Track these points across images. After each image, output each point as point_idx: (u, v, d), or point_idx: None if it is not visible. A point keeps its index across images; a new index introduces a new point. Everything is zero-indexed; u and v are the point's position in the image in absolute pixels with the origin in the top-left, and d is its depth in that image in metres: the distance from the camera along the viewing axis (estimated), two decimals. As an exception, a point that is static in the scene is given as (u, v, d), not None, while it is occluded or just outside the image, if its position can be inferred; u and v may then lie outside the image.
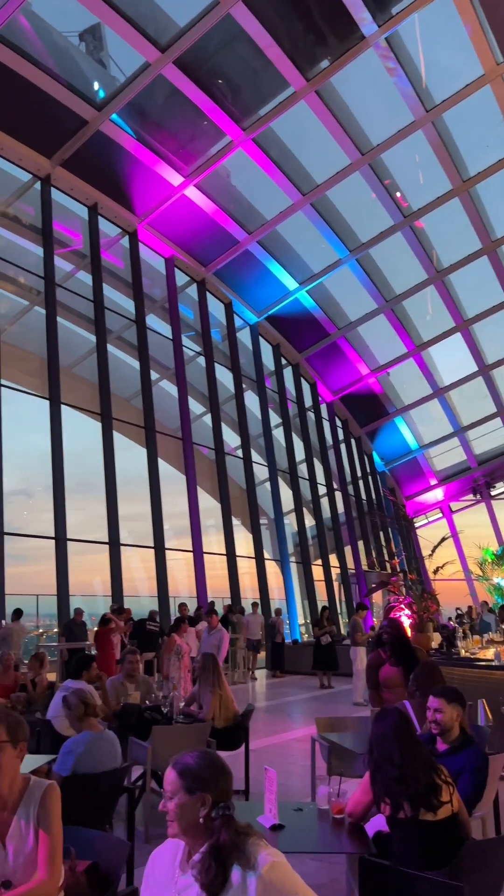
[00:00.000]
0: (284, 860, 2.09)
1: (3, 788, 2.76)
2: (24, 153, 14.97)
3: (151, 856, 2.35)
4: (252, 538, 19.78)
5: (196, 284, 20.16)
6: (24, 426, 15.00)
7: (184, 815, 2.14)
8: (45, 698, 7.61)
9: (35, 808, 2.77)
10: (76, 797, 4.09)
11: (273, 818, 3.31)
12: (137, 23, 12.87)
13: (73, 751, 4.24)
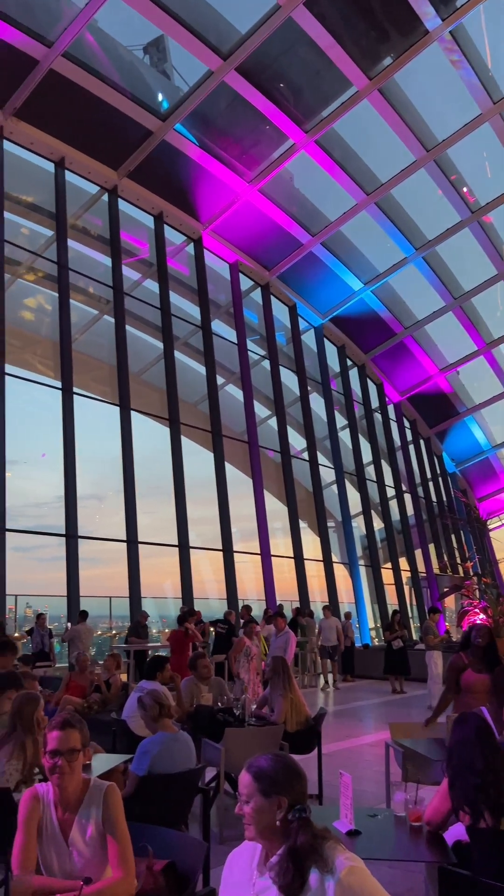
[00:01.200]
0: (363, 865, 2.07)
1: (69, 790, 2.83)
2: (92, 166, 15.38)
3: (229, 857, 2.36)
4: (319, 541, 19.68)
5: (260, 288, 20.24)
6: (96, 432, 15.38)
7: (260, 819, 2.15)
8: (120, 699, 7.76)
9: (98, 810, 2.82)
10: (152, 797, 4.17)
11: (349, 823, 3.27)
12: (199, 32, 13.04)
13: (148, 751, 4.30)
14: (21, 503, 13.27)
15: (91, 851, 2.77)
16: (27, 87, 13.20)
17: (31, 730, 4.21)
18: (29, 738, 4.18)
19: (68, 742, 2.83)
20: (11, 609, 13.07)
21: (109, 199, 16.09)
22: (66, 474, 13.48)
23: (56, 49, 12.69)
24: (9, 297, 13.81)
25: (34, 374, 14.73)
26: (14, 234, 14.61)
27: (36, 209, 15.59)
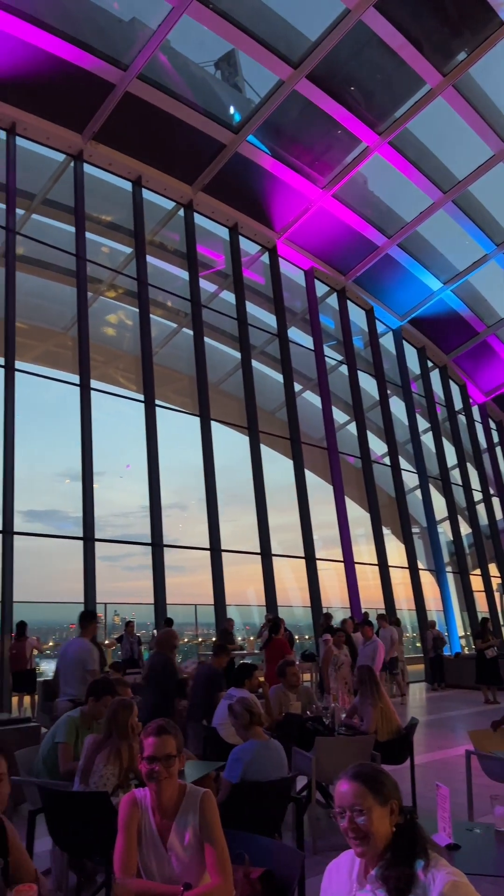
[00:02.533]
0: (466, 880, 2.02)
1: (166, 796, 2.86)
2: (168, 182, 15.73)
3: (328, 868, 2.34)
4: (404, 548, 19.32)
5: (336, 293, 20.14)
6: (177, 443, 15.66)
7: (379, 827, 2.12)
8: (209, 705, 7.81)
9: (195, 816, 2.85)
10: (245, 804, 4.17)
11: (447, 837, 3.18)
12: (269, 43, 13.15)
13: (240, 759, 4.32)
14: (107, 513, 13.64)
15: (189, 857, 2.80)
16: (105, 110, 13.66)
17: (126, 736, 4.30)
18: (124, 744, 4.28)
19: (165, 748, 2.87)
20: (100, 617, 13.41)
21: (185, 213, 16.42)
22: (151, 484, 13.79)
23: (131, 72, 13.07)
24: (92, 314, 14.27)
25: (117, 388, 15.15)
26: (95, 252, 15.11)
27: (115, 228, 16.08)
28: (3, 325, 12.74)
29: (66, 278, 14.46)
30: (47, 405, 14.23)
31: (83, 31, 12.75)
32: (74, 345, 13.89)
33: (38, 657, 11.92)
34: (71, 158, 14.42)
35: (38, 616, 12.10)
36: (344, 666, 9.37)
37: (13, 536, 11.55)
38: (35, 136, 13.84)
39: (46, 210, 14.69)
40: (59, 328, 15.06)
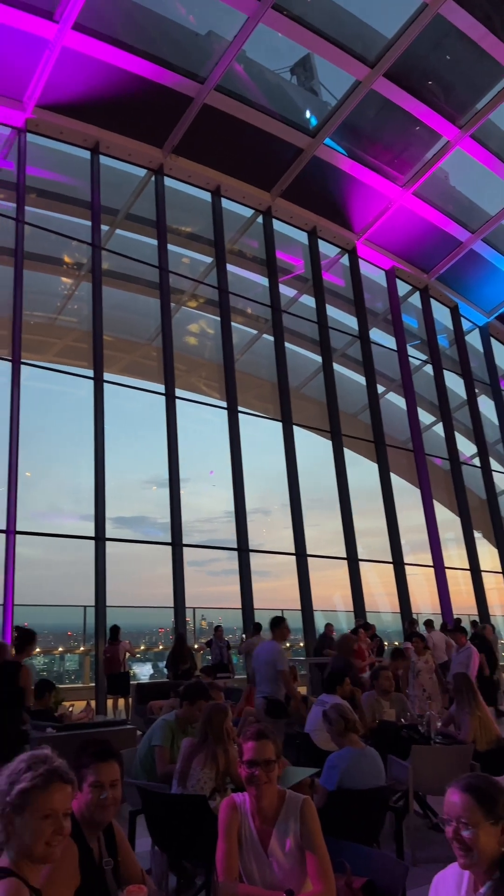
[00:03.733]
0: None
1: (266, 801, 2.85)
2: (246, 190, 15.87)
3: (435, 880, 2.28)
4: (497, 552, 18.68)
5: (419, 292, 19.75)
6: (259, 448, 15.70)
7: (486, 844, 2.04)
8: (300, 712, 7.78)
9: (296, 823, 2.83)
10: (342, 812, 4.12)
11: None
12: (345, 44, 13.07)
13: (336, 766, 4.27)
14: (192, 519, 13.82)
15: (290, 864, 2.78)
16: (183, 124, 13.92)
17: (222, 740, 4.33)
18: (220, 748, 4.31)
19: (264, 753, 2.87)
20: (188, 621, 13.60)
21: (264, 220, 16.51)
22: (235, 490, 13.90)
23: (208, 84, 13.28)
24: (175, 324, 14.56)
25: (199, 396, 15.37)
26: (176, 263, 15.40)
27: (195, 238, 16.35)
28: (90, 339, 13.18)
29: (149, 290, 14.81)
30: (134, 415, 14.59)
31: (161, 48, 13.06)
32: (159, 355, 14.19)
33: (130, 661, 12.20)
34: (152, 173, 14.77)
35: (129, 620, 12.38)
36: (422, 673, 9.12)
37: (105, 543, 11.89)
38: (118, 154, 14.26)
39: (129, 225, 15.11)
40: (144, 339, 15.43)
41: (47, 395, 13.56)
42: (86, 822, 2.59)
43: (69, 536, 12.58)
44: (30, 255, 12.95)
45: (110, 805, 2.61)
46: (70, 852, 2.43)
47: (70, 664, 14.80)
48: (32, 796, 2.04)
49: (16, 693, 5.76)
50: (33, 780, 2.05)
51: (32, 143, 13.40)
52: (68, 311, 14.92)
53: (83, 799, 2.60)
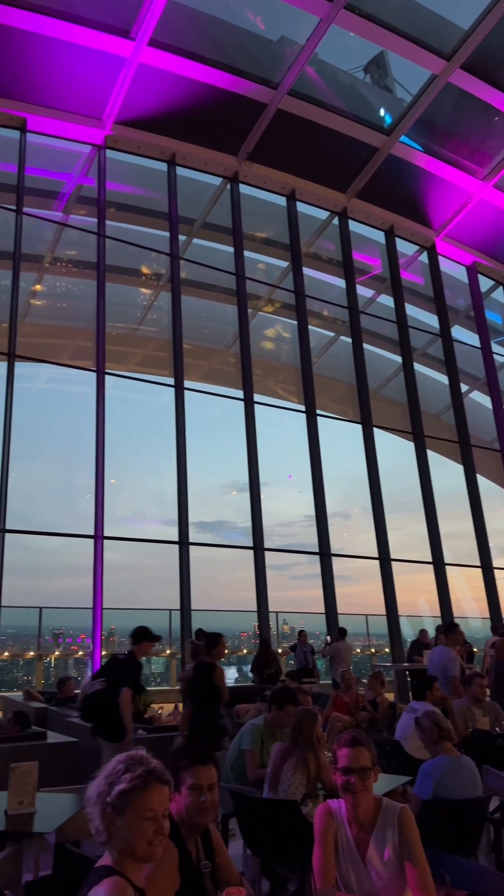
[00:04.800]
0: None
1: (362, 808, 2.80)
2: (321, 193, 15.81)
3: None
4: None
5: (502, 287, 19.14)
6: (338, 451, 15.56)
7: None
8: (388, 718, 7.66)
9: (394, 832, 2.77)
10: (438, 823, 4.00)
11: None
12: (420, 39, 12.86)
13: (431, 774, 4.16)
14: (272, 523, 13.81)
15: (390, 873, 2.73)
16: (257, 130, 14.02)
17: (312, 745, 4.30)
18: (311, 754, 4.28)
19: (359, 760, 2.83)
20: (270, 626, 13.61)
21: (339, 221, 16.40)
22: (315, 494, 13.84)
23: (281, 89, 13.33)
24: (251, 329, 14.64)
25: (276, 400, 15.39)
26: (252, 269, 15.49)
27: (271, 243, 16.42)
28: (170, 348, 13.43)
29: (226, 297, 14.97)
30: (213, 421, 14.76)
31: (234, 57, 13.20)
32: (237, 361, 14.31)
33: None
34: (227, 181, 14.94)
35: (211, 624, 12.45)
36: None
37: (189, 547, 12.07)
38: (193, 164, 14.50)
39: (206, 233, 15.32)
40: (222, 346, 15.59)
41: (130, 403, 13.90)
42: (184, 824, 2.62)
43: (154, 541, 12.84)
44: (111, 267, 13.32)
45: (209, 808, 2.63)
46: (170, 854, 2.45)
47: (156, 667, 15.08)
48: (133, 797, 2.07)
49: (213, 691, 6.14)
50: (132, 782, 2.08)
51: (111, 159, 13.80)
52: (148, 321, 15.26)
53: (182, 802, 2.62)
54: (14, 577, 10.93)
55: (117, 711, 5.60)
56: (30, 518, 11.83)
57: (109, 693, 5.73)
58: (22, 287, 12.32)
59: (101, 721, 5.76)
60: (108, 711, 5.65)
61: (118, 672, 5.86)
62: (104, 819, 2.06)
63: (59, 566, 13.12)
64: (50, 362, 13.20)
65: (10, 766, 3.89)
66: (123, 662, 5.99)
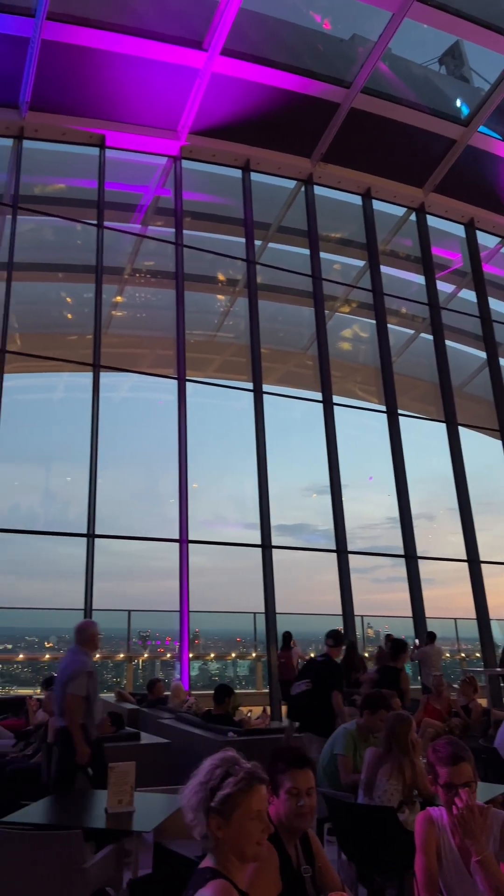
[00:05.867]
0: None
1: None
2: (397, 190, 15.55)
3: None
4: None
5: None
6: (420, 451, 15.23)
7: None
8: (482, 724, 7.43)
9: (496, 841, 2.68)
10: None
11: None
12: (496, 24, 12.48)
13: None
14: (353, 525, 13.64)
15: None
16: (331, 131, 13.93)
17: (407, 751, 4.22)
18: (406, 760, 4.20)
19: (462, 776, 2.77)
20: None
21: (417, 217, 16.09)
22: (399, 495, 13.60)
23: (354, 88, 13.21)
24: (328, 331, 14.55)
25: (355, 401, 15.23)
26: (328, 271, 15.39)
27: (347, 243, 16.28)
28: (247, 352, 13.51)
29: (302, 300, 14.94)
30: (291, 424, 14.74)
31: (305, 59, 13.19)
32: (314, 363, 14.25)
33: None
34: (301, 183, 14.92)
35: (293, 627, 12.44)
36: None
37: (271, 550, 12.09)
38: (267, 169, 14.55)
39: (281, 237, 15.34)
40: (298, 348, 15.57)
41: (210, 409, 14.07)
42: (283, 829, 2.61)
43: (238, 544, 12.95)
44: (188, 276, 13.53)
45: (308, 812, 2.62)
46: (271, 858, 2.45)
47: (241, 670, 15.18)
48: (238, 800, 2.09)
49: (399, 695, 6.49)
50: (238, 785, 2.11)
51: (186, 169, 14.03)
52: (226, 327, 15.42)
53: (281, 806, 2.62)
54: (103, 582, 11.25)
55: (324, 709, 6.33)
56: (116, 523, 12.16)
57: (315, 693, 6.45)
58: (104, 299, 12.68)
59: (310, 718, 6.49)
60: (315, 709, 6.41)
61: (321, 674, 6.52)
62: (211, 825, 2.08)
63: (145, 570, 13.42)
64: (132, 371, 13.54)
65: (109, 766, 3.99)
66: (324, 665, 6.62)
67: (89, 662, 5.53)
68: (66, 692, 5.30)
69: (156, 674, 13.59)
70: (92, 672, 5.47)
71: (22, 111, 12.28)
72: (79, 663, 5.44)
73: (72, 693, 5.28)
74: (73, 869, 3.31)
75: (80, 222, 13.46)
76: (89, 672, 5.43)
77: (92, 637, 5.72)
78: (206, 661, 14.39)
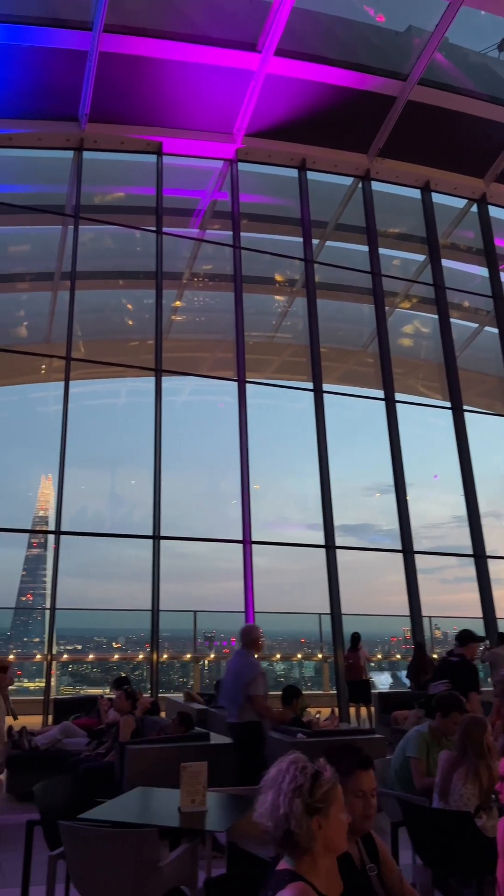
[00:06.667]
0: None
1: None
2: (457, 181, 15.22)
3: None
4: None
5: None
6: (487, 448, 14.86)
7: None
8: None
9: None
10: None
11: None
12: None
13: None
14: (418, 525, 13.41)
15: None
16: (388, 125, 13.75)
17: (483, 755, 4.11)
18: (482, 763, 4.09)
19: None
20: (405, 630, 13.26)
21: (479, 208, 15.72)
22: (466, 493, 13.32)
23: (411, 80, 13.01)
24: (388, 327, 14.35)
25: (418, 398, 14.98)
26: (387, 266, 15.18)
27: (406, 238, 16.04)
28: (307, 352, 13.46)
29: (361, 297, 14.79)
30: (351, 422, 14.60)
31: (360, 54, 13.06)
32: (375, 361, 14.08)
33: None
34: (358, 180, 14.77)
35: (359, 628, 12.31)
36: None
37: (335, 551, 12.01)
38: (324, 167, 14.47)
39: (339, 234, 15.24)
40: (358, 346, 15.42)
41: (269, 410, 14.09)
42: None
43: (301, 545, 12.92)
44: (246, 278, 13.57)
45: (373, 814, 2.62)
46: None
47: (307, 671, 15.13)
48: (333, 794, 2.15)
49: None
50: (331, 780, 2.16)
51: (242, 171, 14.08)
52: (284, 328, 15.41)
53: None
54: (169, 583, 11.40)
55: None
56: (180, 525, 12.29)
57: None
58: (164, 304, 12.86)
59: None
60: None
61: (456, 675, 6.36)
62: (312, 825, 2.08)
63: (210, 571, 13.52)
64: (193, 375, 13.67)
65: (181, 766, 4.02)
66: (458, 666, 6.50)
67: (258, 664, 6.09)
68: (247, 695, 5.89)
69: (221, 674, 13.68)
70: (263, 673, 6.07)
71: (81, 123, 12.56)
72: (251, 667, 6.02)
73: (255, 695, 5.90)
74: (148, 867, 3.34)
75: (140, 229, 13.68)
76: (262, 673, 6.02)
77: (256, 639, 6.22)
78: (272, 661, 14.39)
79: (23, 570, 16.33)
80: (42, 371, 13.27)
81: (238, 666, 6.11)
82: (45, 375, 13.18)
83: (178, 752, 5.84)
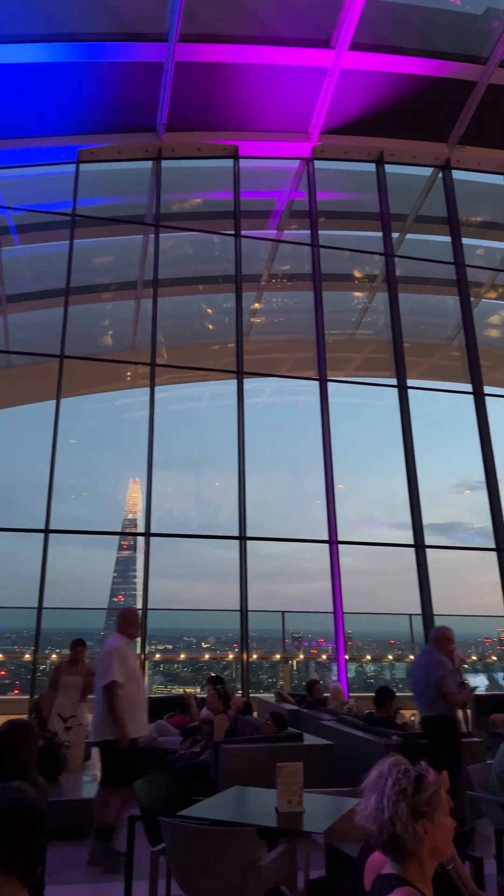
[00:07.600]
0: None
1: None
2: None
3: None
4: None
5: None
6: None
7: None
8: None
9: None
10: None
11: None
12: None
13: None
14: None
15: None
16: (468, 111, 13.35)
17: None
18: None
19: None
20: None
21: None
22: None
23: (492, 63, 12.60)
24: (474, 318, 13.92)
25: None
26: (470, 256, 14.74)
27: (490, 226, 15.53)
28: (389, 348, 13.23)
29: (444, 289, 14.42)
30: (437, 418, 14.24)
31: (435, 41, 12.74)
32: (461, 354, 13.69)
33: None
34: (438, 170, 14.41)
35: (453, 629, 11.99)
36: None
37: (425, 550, 11.75)
38: (402, 159, 14.20)
39: (419, 227, 14.91)
40: (442, 340, 15.03)
41: (352, 408, 13.92)
42: None
43: (389, 545, 12.70)
44: (325, 276, 13.48)
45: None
46: None
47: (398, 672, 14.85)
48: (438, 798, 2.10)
49: None
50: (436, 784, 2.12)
51: (319, 169, 14.00)
52: (364, 325, 15.20)
53: None
54: (256, 583, 11.44)
55: None
56: (265, 525, 12.32)
57: None
58: (243, 307, 12.93)
59: None
60: None
61: None
62: (419, 830, 2.04)
63: (296, 571, 13.48)
64: (274, 375, 13.68)
65: (277, 766, 4.01)
66: None
67: (447, 662, 6.28)
68: (441, 691, 6.08)
69: (310, 675, 13.61)
70: (452, 671, 6.27)
71: (159, 133, 12.81)
72: (440, 665, 6.22)
73: (449, 692, 6.08)
74: (249, 866, 3.35)
75: (218, 234, 13.83)
76: (451, 671, 6.24)
77: (448, 639, 6.48)
78: (362, 662, 14.22)
79: (114, 572, 16.78)
80: (128, 378, 13.60)
81: (427, 661, 6.36)
82: (131, 382, 13.50)
83: (272, 752, 5.84)
